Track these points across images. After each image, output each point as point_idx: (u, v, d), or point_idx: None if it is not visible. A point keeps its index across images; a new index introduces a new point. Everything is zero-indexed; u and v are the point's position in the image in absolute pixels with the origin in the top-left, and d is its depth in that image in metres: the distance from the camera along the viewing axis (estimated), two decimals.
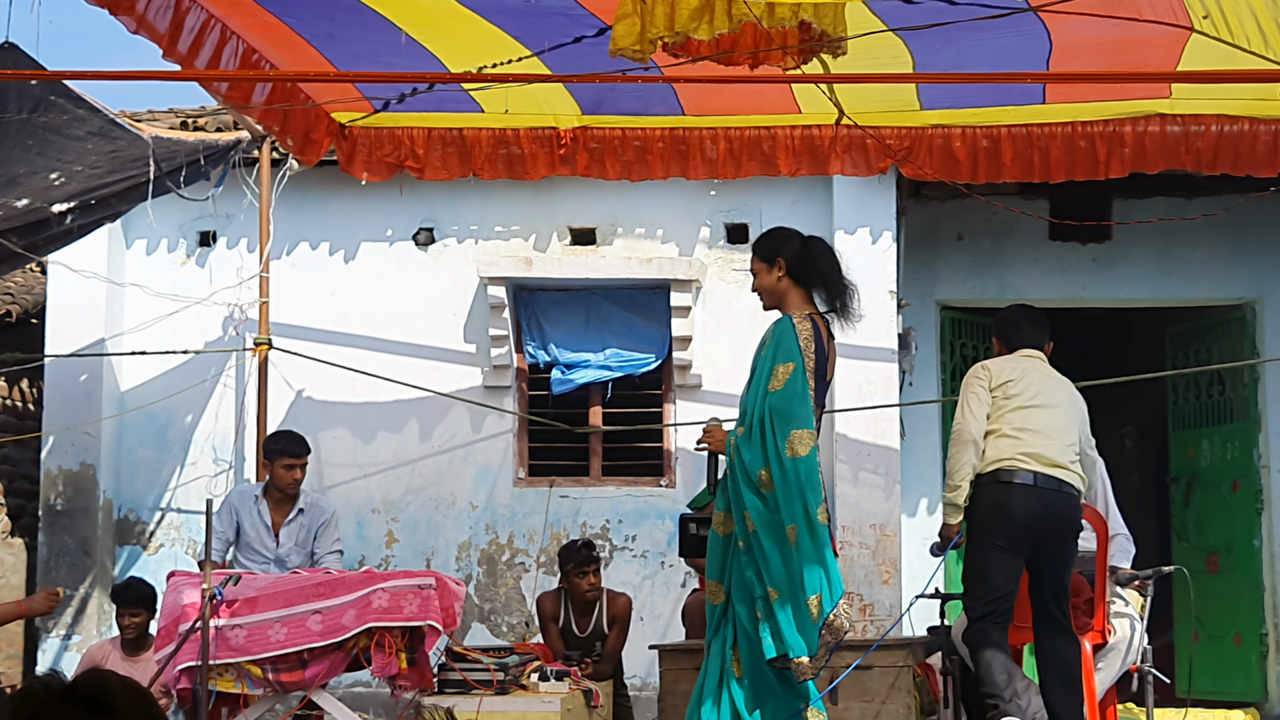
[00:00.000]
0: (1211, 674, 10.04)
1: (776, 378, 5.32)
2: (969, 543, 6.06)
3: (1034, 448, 5.98)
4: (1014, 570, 5.97)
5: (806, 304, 5.55)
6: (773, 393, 5.33)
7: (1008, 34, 6.40)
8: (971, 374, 6.22)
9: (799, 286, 5.57)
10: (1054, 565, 6.01)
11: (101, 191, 7.89)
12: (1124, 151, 7.65)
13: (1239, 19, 6.08)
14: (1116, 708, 6.65)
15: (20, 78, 7.48)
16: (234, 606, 6.49)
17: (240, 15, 6.52)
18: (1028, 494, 5.94)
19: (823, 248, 5.66)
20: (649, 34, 5.32)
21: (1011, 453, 5.97)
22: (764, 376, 5.38)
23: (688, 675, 6.58)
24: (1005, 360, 6.27)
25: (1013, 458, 5.96)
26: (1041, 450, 5.98)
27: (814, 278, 5.58)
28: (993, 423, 6.05)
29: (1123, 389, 10.07)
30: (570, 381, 9.59)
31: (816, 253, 5.62)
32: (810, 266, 5.58)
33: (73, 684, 2.27)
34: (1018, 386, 6.10)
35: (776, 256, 5.57)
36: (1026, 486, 5.93)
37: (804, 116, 7.72)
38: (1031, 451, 5.97)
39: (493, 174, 8.06)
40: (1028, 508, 5.93)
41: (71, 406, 9.67)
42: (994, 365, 6.22)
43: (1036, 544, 5.95)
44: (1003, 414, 6.05)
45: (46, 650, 9.59)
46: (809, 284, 5.58)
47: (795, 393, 5.31)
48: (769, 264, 5.59)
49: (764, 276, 5.62)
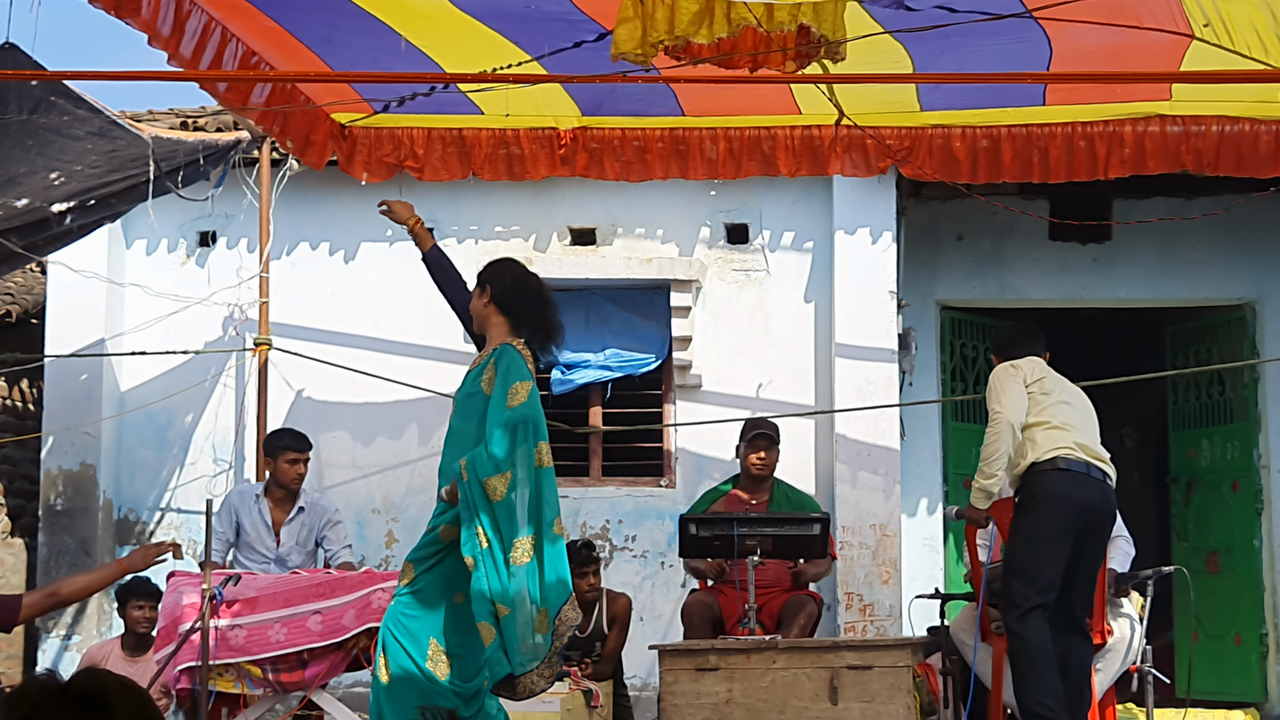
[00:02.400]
0: (1211, 674, 10.03)
1: (516, 394, 5.33)
2: (1021, 531, 6.11)
3: (1084, 439, 6.16)
4: (1066, 560, 6.07)
5: (509, 334, 5.56)
6: (517, 407, 5.32)
7: (1008, 41, 6.40)
8: (1002, 370, 6.35)
9: (502, 315, 5.58)
10: (1091, 561, 6.14)
11: (101, 191, 7.89)
12: (1124, 151, 7.64)
13: (1239, 27, 6.09)
14: (1116, 708, 6.65)
15: (20, 78, 7.48)
16: (234, 606, 6.49)
17: (240, 19, 6.52)
18: (1087, 482, 6.10)
19: (533, 286, 5.69)
20: (650, 38, 5.32)
21: (1068, 442, 6.12)
22: (500, 395, 5.35)
23: (688, 675, 6.58)
24: (1025, 362, 6.35)
25: (1070, 446, 6.12)
26: (1088, 443, 6.19)
27: (517, 312, 5.60)
28: (1037, 415, 6.18)
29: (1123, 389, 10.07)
30: (570, 381, 9.59)
31: (525, 288, 5.65)
32: (515, 300, 5.61)
33: (68, 683, 2.27)
34: (1050, 385, 6.27)
35: (486, 284, 5.63)
36: (1086, 475, 6.10)
37: (804, 117, 7.72)
38: (1082, 443, 6.15)
39: (493, 174, 8.06)
40: (1087, 495, 6.10)
41: (71, 406, 9.67)
42: (1024, 364, 6.34)
43: (1082, 534, 6.09)
44: (1045, 408, 6.20)
45: (46, 650, 9.59)
46: (512, 316, 5.60)
47: (538, 407, 5.39)
48: (480, 288, 5.66)
49: (475, 300, 5.70)
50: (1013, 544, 6.19)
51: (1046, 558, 6.04)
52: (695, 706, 6.40)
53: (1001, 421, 6.13)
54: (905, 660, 6.53)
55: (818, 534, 7.06)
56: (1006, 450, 6.12)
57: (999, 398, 6.22)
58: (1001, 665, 6.33)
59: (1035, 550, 6.06)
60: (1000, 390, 6.25)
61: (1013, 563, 6.17)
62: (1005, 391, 6.22)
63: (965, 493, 9.95)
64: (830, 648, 6.58)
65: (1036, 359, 6.47)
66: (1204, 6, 6.02)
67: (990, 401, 6.27)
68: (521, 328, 5.59)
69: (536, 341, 5.61)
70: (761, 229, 9.68)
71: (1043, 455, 6.10)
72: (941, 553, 10.00)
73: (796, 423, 9.25)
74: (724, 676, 6.50)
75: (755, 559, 6.84)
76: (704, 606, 7.59)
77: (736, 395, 9.51)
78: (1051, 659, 5.99)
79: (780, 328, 9.57)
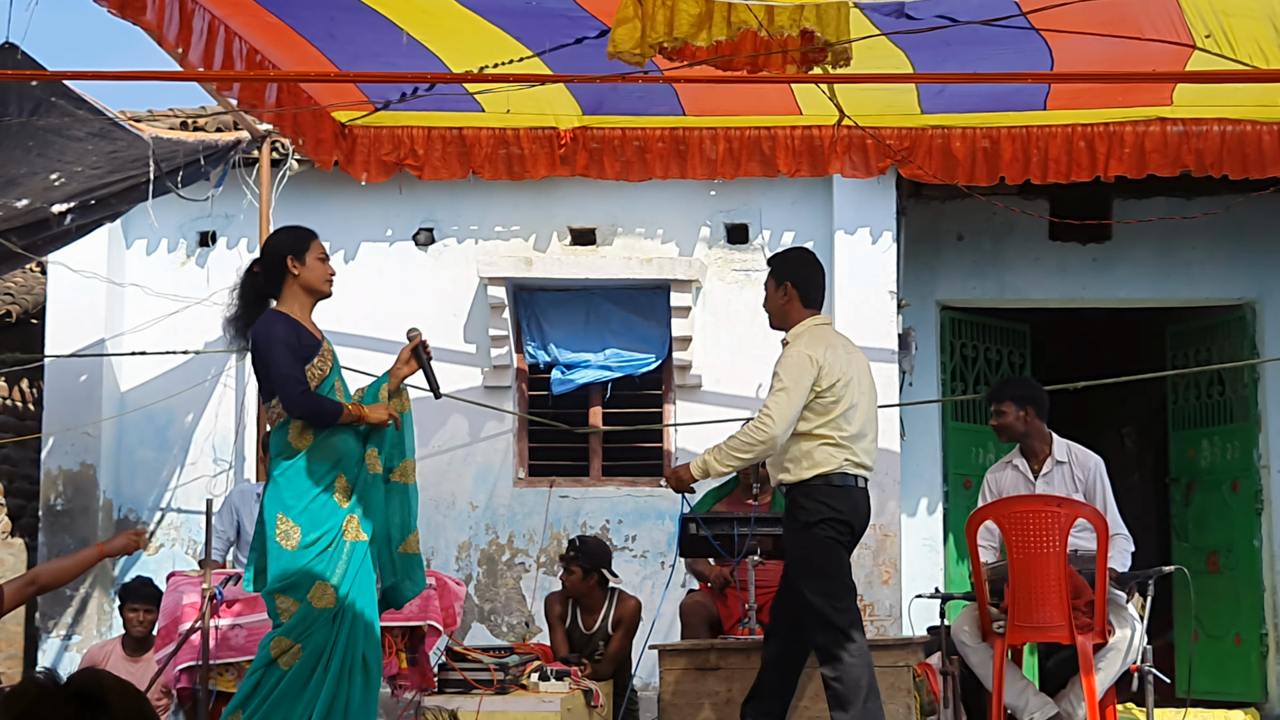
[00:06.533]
0: (1211, 674, 10.04)
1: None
2: (807, 549, 5.95)
3: (861, 448, 6.10)
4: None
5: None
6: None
7: (1009, 51, 6.40)
8: (797, 361, 5.94)
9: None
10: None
11: (101, 192, 7.90)
12: (1124, 152, 7.64)
13: (1240, 39, 6.09)
14: (1116, 708, 6.65)
15: (20, 78, 7.48)
16: (234, 606, 6.49)
17: (241, 15, 6.52)
18: (854, 494, 6.06)
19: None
20: (649, 38, 5.32)
21: (849, 456, 6.05)
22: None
23: (688, 675, 6.59)
24: (822, 341, 6.01)
25: (847, 460, 6.05)
26: (864, 452, 6.14)
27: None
28: (821, 425, 5.94)
29: (1123, 389, 10.09)
30: (570, 382, 9.59)
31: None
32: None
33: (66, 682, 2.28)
34: (840, 388, 5.95)
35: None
36: (854, 487, 6.06)
37: (804, 117, 7.72)
38: (857, 459, 6.10)
39: (493, 174, 8.06)
40: (856, 508, 6.05)
41: (71, 406, 9.68)
42: (822, 353, 5.95)
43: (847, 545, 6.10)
44: (831, 418, 5.96)
45: (46, 650, 9.59)
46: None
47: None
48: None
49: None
50: (799, 558, 5.97)
51: (840, 567, 5.95)
52: (695, 706, 6.40)
53: (769, 435, 5.79)
54: (905, 660, 6.54)
55: None
56: (759, 459, 5.95)
57: (778, 404, 5.81)
58: (1002, 665, 6.34)
59: (826, 562, 5.92)
60: (783, 392, 5.83)
61: (810, 573, 5.94)
62: (785, 400, 5.81)
63: (965, 493, 9.98)
64: None
65: (825, 325, 6.13)
66: (1205, 18, 6.02)
67: (770, 394, 5.87)
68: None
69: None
70: (761, 229, 9.68)
71: (821, 472, 5.90)
72: (941, 553, 10.01)
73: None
74: (724, 676, 6.50)
75: (755, 559, 6.85)
76: (701, 607, 7.60)
77: (736, 395, 9.51)
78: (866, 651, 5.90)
79: None
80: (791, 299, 6.11)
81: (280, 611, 5.23)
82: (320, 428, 5.32)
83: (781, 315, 6.14)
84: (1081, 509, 6.43)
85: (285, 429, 5.33)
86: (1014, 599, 6.31)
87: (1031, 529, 6.31)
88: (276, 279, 5.48)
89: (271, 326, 5.35)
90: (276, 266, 5.47)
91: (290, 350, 5.31)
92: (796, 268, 6.17)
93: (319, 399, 5.33)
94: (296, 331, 5.37)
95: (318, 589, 5.19)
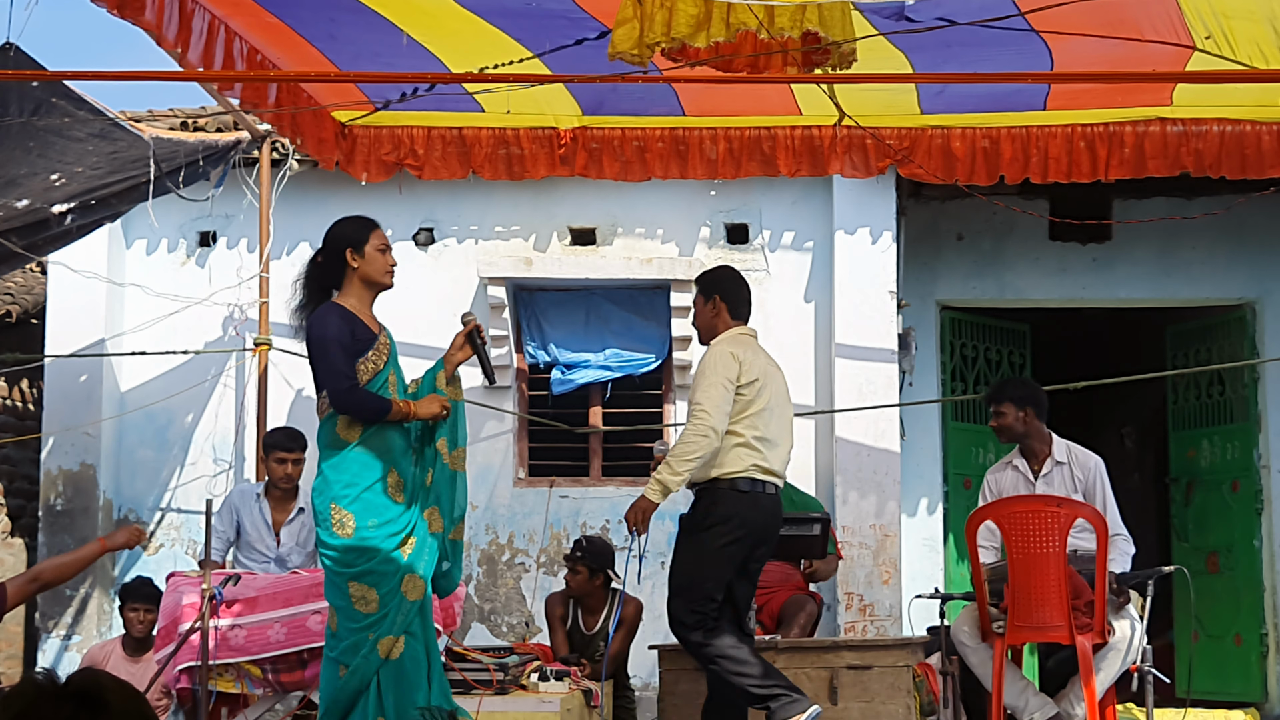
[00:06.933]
0: (1211, 674, 10.04)
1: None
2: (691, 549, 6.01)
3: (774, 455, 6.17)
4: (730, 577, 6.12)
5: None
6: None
7: (1009, 53, 6.41)
8: (720, 359, 6.02)
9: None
10: (757, 567, 6.24)
11: (102, 192, 7.90)
12: (1124, 152, 7.64)
13: (1240, 40, 6.09)
14: (1116, 708, 6.65)
15: (20, 78, 7.48)
16: (234, 606, 6.49)
17: (241, 15, 6.53)
18: (760, 500, 6.11)
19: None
20: (647, 39, 5.33)
21: (758, 460, 6.11)
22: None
23: (688, 675, 6.59)
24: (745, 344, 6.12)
25: (755, 465, 6.11)
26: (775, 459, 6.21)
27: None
28: (735, 424, 6.01)
29: (1123, 389, 10.08)
30: (570, 381, 9.59)
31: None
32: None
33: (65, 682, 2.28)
34: (758, 387, 6.03)
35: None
36: (761, 494, 6.12)
37: (804, 117, 7.73)
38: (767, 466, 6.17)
39: (493, 174, 8.06)
40: (759, 515, 6.10)
41: (71, 406, 9.68)
42: (744, 353, 6.05)
43: (751, 550, 6.11)
44: (746, 417, 6.03)
45: (46, 650, 9.59)
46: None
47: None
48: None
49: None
50: (680, 561, 6.01)
51: (712, 578, 5.95)
52: (695, 706, 6.39)
53: (706, 427, 5.85)
54: (905, 660, 6.54)
55: (818, 534, 7.07)
56: (706, 457, 5.92)
57: (709, 396, 5.89)
58: (1002, 665, 6.34)
59: (701, 570, 5.94)
60: (711, 386, 5.91)
61: (678, 580, 5.99)
62: (715, 393, 5.89)
63: (965, 493, 9.99)
64: (830, 648, 6.58)
65: (750, 336, 6.23)
66: (1205, 19, 6.02)
67: (697, 392, 5.93)
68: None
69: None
70: (761, 229, 9.68)
71: (726, 473, 5.94)
72: (941, 553, 10.01)
73: (796, 423, 9.22)
74: None
75: None
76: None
77: None
78: (745, 647, 5.90)
79: (780, 328, 9.57)
80: (720, 312, 6.22)
81: (355, 600, 5.25)
82: (368, 424, 5.31)
83: (710, 329, 6.25)
84: (1081, 509, 6.43)
85: (333, 421, 5.35)
86: (1014, 599, 6.31)
87: (1031, 529, 6.31)
88: (337, 270, 5.47)
89: (324, 320, 5.36)
90: (336, 258, 5.47)
91: (341, 345, 5.31)
92: (723, 283, 6.29)
93: (366, 395, 5.32)
94: (351, 325, 5.37)
95: (408, 581, 5.27)
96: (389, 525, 5.30)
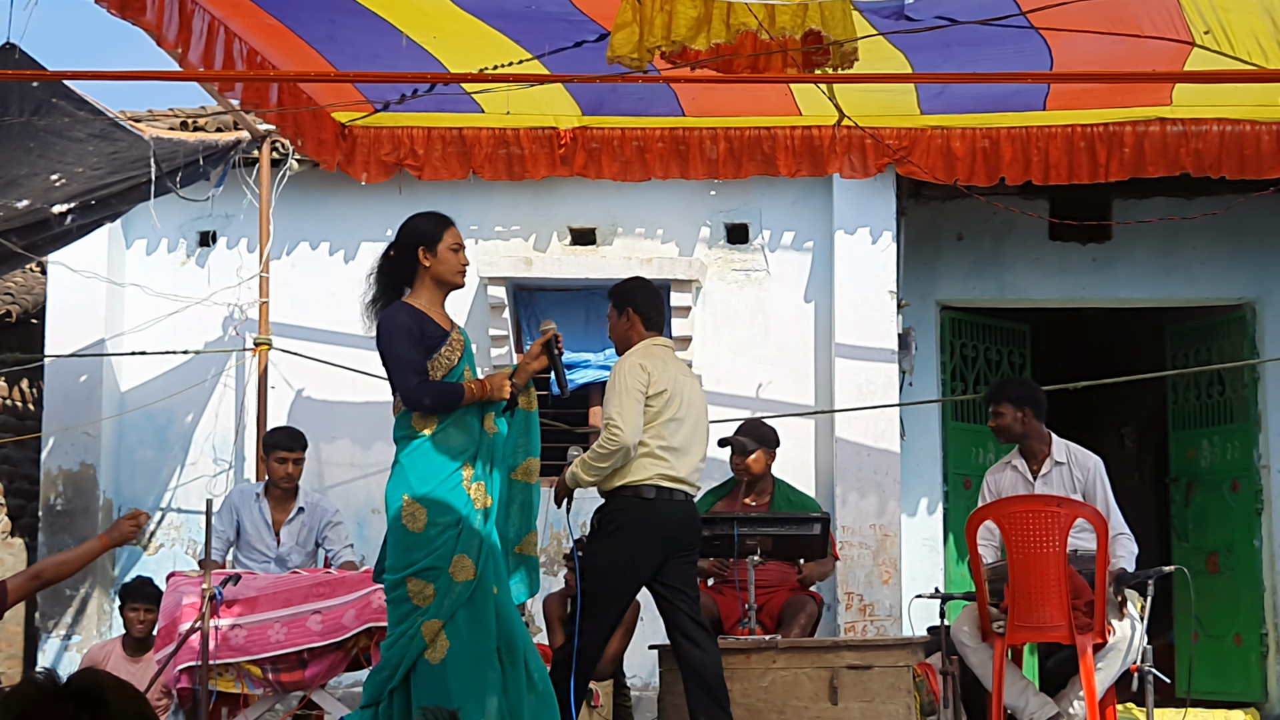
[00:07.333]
0: (1211, 674, 10.03)
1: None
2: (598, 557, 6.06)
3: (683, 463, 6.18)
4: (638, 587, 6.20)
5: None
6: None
7: (1009, 51, 6.41)
8: (631, 371, 6.05)
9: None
10: (688, 569, 6.24)
11: (102, 192, 7.90)
12: (1124, 153, 7.64)
13: (1239, 35, 6.09)
14: (1116, 708, 6.65)
15: (20, 78, 7.48)
16: (234, 606, 6.49)
17: (241, 16, 6.53)
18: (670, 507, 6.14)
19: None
20: (647, 42, 5.33)
21: (665, 470, 6.11)
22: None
23: None
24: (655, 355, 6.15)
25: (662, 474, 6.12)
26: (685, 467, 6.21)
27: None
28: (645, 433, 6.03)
29: (1123, 389, 10.08)
30: (570, 381, 9.57)
31: None
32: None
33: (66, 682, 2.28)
34: (667, 398, 6.06)
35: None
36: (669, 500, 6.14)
37: (804, 117, 7.73)
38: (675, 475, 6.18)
39: (493, 174, 8.06)
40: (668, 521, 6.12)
41: (71, 406, 9.67)
42: (652, 364, 6.08)
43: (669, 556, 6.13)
44: (654, 427, 6.04)
45: (46, 650, 9.59)
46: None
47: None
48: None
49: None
50: (588, 565, 6.01)
51: (614, 586, 5.99)
52: None
53: (620, 442, 5.88)
54: (905, 660, 6.53)
55: (818, 534, 7.06)
56: (616, 465, 5.95)
57: (619, 408, 5.91)
58: (1002, 665, 6.34)
59: (604, 579, 5.96)
60: (622, 397, 5.93)
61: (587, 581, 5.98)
62: (626, 405, 5.91)
63: (965, 493, 9.99)
64: (830, 648, 6.57)
65: (664, 347, 6.24)
66: (1204, 14, 6.02)
67: (609, 404, 5.94)
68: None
69: None
70: (761, 229, 9.68)
71: (630, 481, 5.97)
72: (941, 553, 10.01)
73: (796, 423, 9.26)
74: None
75: (755, 559, 6.85)
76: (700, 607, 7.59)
77: (736, 395, 9.51)
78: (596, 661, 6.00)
79: (780, 328, 9.57)
80: (634, 324, 6.24)
81: (413, 595, 5.18)
82: (445, 413, 5.29)
83: (624, 340, 6.27)
84: (1081, 509, 6.43)
85: (408, 414, 5.31)
86: (1014, 599, 6.31)
87: (1031, 529, 6.31)
88: (408, 267, 5.44)
89: (393, 318, 5.33)
90: (409, 254, 5.43)
91: (410, 342, 5.27)
92: (636, 295, 6.31)
93: (435, 385, 5.27)
94: (420, 323, 5.33)
95: (457, 562, 5.18)
96: (460, 522, 5.23)
